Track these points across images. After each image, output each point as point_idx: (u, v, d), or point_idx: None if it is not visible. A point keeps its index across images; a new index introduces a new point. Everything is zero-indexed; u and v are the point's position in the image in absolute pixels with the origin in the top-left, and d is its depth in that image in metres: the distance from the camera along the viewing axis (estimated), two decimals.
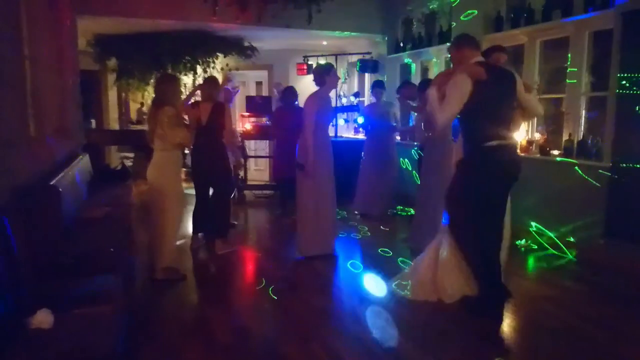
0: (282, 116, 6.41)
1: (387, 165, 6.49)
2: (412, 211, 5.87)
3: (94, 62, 9.08)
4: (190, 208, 5.31)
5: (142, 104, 14.04)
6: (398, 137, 7.11)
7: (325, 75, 4.68)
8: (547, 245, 4.99)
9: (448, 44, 6.65)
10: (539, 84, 5.51)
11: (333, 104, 6.22)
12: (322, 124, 4.72)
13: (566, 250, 4.80)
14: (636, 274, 4.18)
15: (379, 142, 6.50)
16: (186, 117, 4.62)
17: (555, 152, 5.15)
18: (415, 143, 6.24)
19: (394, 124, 6.62)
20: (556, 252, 4.87)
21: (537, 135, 5.50)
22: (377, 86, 6.72)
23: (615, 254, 4.39)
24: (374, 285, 4.11)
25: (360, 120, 7.16)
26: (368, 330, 3.27)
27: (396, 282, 3.99)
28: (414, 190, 5.95)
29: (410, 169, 7.14)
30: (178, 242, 4.49)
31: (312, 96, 4.66)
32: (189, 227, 5.46)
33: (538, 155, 5.27)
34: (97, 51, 8.92)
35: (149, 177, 4.20)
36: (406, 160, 7.28)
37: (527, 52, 5.57)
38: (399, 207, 6.82)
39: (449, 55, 3.68)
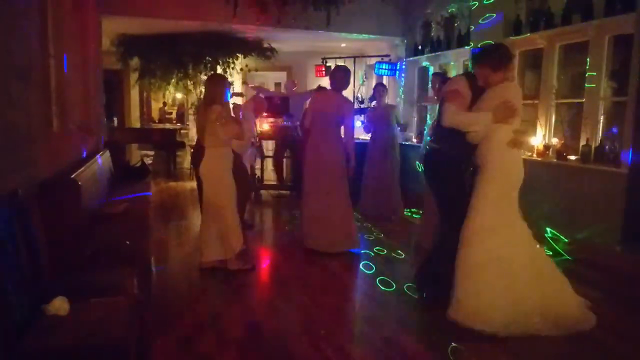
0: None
1: (390, 167, 6.51)
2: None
3: (117, 61, 9.29)
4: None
5: (164, 104, 14.30)
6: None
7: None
8: (562, 251, 4.95)
9: (466, 47, 6.67)
10: (557, 88, 5.47)
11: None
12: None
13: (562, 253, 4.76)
14: None
15: (381, 144, 6.50)
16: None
17: (573, 158, 5.10)
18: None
19: (397, 126, 6.66)
20: (571, 258, 4.83)
21: (555, 140, 5.45)
22: (378, 89, 6.74)
23: (632, 261, 4.34)
24: (386, 286, 4.13)
25: (358, 123, 7.15)
26: (379, 331, 3.30)
27: (408, 284, 4.00)
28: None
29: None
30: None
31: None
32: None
33: (555, 160, 5.23)
34: (120, 51, 9.12)
35: (203, 173, 4.36)
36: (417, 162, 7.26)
37: (545, 56, 5.54)
38: (407, 209, 6.78)
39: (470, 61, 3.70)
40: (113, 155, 6.15)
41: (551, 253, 4.99)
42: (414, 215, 6.62)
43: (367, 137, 6.94)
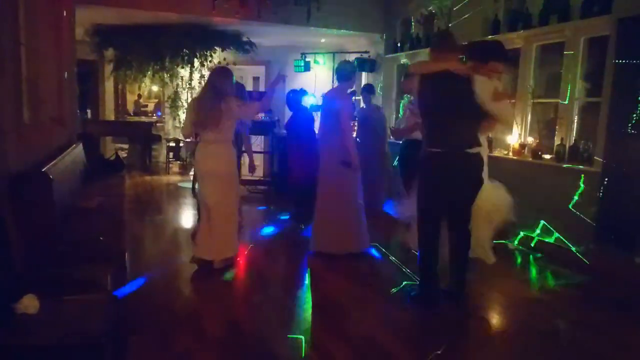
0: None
1: (377, 167, 6.52)
2: None
3: (91, 52, 9.07)
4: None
5: (139, 96, 14.03)
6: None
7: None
8: (533, 248, 5.04)
9: None
10: (533, 88, 5.55)
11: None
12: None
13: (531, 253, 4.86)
14: (625, 278, 4.22)
15: (367, 145, 6.46)
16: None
17: (547, 157, 5.19)
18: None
19: (385, 129, 6.68)
20: (545, 255, 4.92)
21: (530, 139, 5.54)
22: (366, 91, 6.74)
23: (605, 259, 4.43)
24: (370, 284, 4.14)
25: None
26: (360, 329, 3.30)
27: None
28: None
29: None
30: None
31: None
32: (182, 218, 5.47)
33: (530, 159, 5.32)
34: (95, 41, 8.92)
35: (214, 169, 4.11)
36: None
37: (523, 56, 5.61)
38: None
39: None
40: (87, 148, 6.00)
41: (524, 249, 5.09)
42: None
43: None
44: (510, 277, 4.43)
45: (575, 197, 4.68)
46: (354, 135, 6.67)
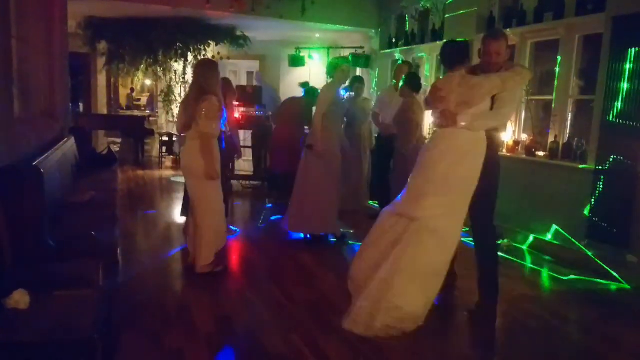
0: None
1: (356, 160, 6.52)
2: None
3: (84, 45, 8.99)
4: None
5: (132, 90, 13.95)
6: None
7: (334, 70, 4.97)
8: (524, 246, 5.06)
9: (440, 41, 6.69)
10: (528, 85, 5.55)
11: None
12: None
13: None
14: (617, 276, 4.24)
15: (349, 137, 6.43)
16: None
17: (541, 154, 5.20)
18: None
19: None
20: (538, 253, 4.94)
21: (524, 136, 5.55)
22: (358, 82, 6.71)
23: (597, 256, 4.46)
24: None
25: None
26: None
27: None
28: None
29: None
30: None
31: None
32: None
33: (524, 156, 5.33)
34: (88, 34, 8.83)
35: (195, 166, 3.99)
36: None
37: (518, 52, 5.61)
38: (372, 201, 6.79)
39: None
40: (78, 142, 5.95)
41: (516, 246, 5.11)
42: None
43: None
44: (500, 274, 4.44)
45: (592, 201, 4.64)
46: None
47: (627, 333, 3.37)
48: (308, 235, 5.10)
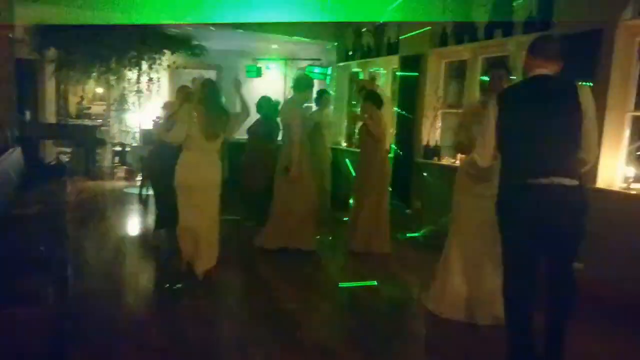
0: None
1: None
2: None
3: (31, 51, 8.65)
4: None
5: (81, 98, 13.49)
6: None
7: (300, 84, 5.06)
8: None
9: (396, 55, 6.85)
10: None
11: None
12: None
13: None
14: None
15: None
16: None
17: None
18: None
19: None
20: None
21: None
22: (326, 94, 6.76)
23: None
24: (319, 290, 4.14)
25: None
26: (311, 337, 3.28)
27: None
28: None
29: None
30: None
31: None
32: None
33: None
34: (36, 40, 8.51)
35: (218, 178, 4.13)
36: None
37: (469, 67, 5.81)
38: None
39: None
40: (25, 152, 5.71)
41: None
42: (344, 219, 6.70)
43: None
44: None
45: None
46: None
47: (581, 341, 3.50)
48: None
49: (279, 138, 6.02)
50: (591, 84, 3.51)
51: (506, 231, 2.69)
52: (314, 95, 6.25)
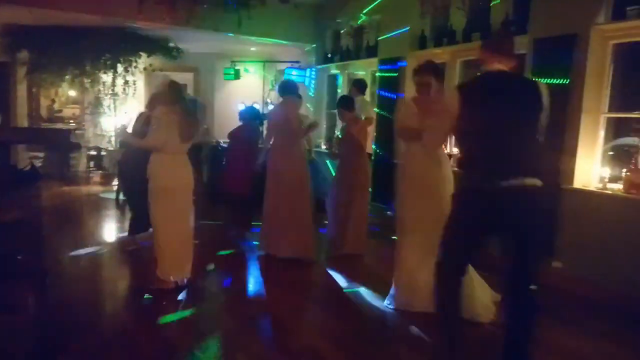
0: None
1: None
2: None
3: (2, 53, 8.44)
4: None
5: (53, 101, 13.20)
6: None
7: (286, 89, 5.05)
8: None
9: (374, 58, 6.90)
10: None
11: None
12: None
13: None
14: (543, 282, 4.48)
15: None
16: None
17: None
18: None
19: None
20: None
21: (455, 150, 5.79)
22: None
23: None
24: (303, 293, 4.12)
25: None
26: (297, 339, 3.26)
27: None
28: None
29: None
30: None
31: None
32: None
33: (455, 169, 5.55)
34: (7, 41, 8.30)
35: (187, 183, 4.02)
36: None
37: (448, 70, 5.88)
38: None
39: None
40: None
41: None
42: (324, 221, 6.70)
43: None
44: None
45: None
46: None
47: (561, 340, 3.57)
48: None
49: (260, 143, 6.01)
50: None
51: (459, 214, 2.66)
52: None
